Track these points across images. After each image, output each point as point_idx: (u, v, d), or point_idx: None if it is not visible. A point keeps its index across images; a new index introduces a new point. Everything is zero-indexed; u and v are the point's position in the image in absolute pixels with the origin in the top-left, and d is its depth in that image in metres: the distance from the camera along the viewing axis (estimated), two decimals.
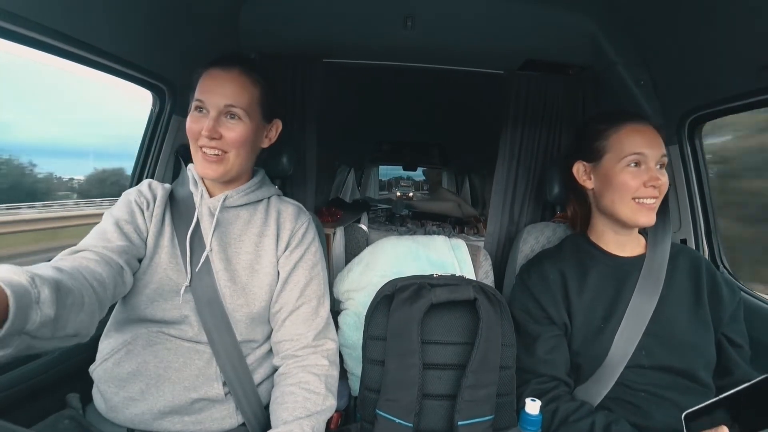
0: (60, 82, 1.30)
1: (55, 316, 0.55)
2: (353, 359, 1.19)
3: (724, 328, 0.98)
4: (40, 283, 0.54)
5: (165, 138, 1.32)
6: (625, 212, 1.00)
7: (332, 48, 1.52)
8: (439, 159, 5.58)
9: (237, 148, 0.90)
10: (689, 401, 0.91)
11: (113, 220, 0.86)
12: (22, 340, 0.52)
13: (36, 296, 0.52)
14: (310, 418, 0.82)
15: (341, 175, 4.77)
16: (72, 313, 0.60)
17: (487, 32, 1.39)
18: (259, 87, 0.94)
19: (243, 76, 0.91)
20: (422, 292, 0.99)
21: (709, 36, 1.05)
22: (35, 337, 0.53)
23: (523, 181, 1.56)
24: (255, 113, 0.93)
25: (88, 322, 0.65)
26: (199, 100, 0.90)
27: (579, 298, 1.01)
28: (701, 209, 1.31)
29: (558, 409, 0.93)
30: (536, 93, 1.54)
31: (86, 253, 0.78)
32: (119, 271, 0.80)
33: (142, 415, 0.84)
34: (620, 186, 1.00)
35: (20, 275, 0.52)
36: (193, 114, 0.91)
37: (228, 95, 0.89)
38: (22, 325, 0.50)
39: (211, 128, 0.87)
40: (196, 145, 0.90)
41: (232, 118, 0.90)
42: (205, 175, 0.92)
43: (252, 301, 0.92)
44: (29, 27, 0.82)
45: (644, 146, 0.98)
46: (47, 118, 2.56)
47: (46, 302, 0.54)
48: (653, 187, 0.97)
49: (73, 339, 0.63)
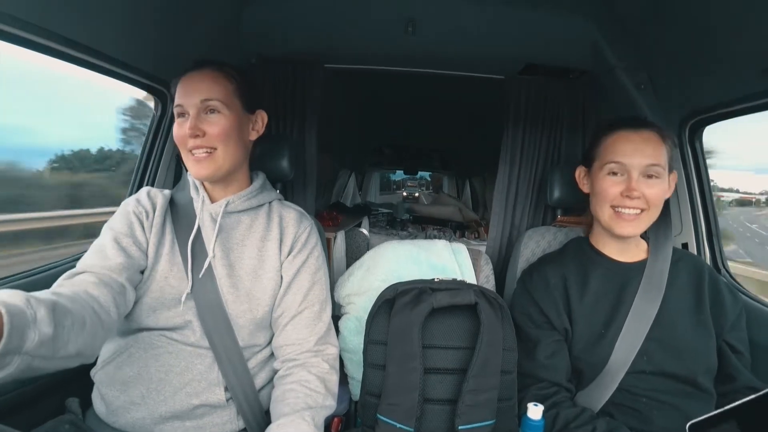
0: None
1: (54, 336, 0.56)
2: (354, 364, 1.19)
3: (726, 335, 0.98)
4: (36, 304, 0.55)
5: (166, 141, 1.33)
6: (605, 220, 1.01)
7: (333, 53, 1.52)
8: (440, 163, 5.59)
9: (224, 142, 0.91)
10: (690, 407, 0.91)
11: (112, 235, 0.86)
12: (23, 360, 0.52)
13: (32, 316, 0.53)
14: (311, 411, 0.82)
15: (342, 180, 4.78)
16: (72, 334, 0.61)
17: (487, 37, 1.39)
18: (233, 80, 0.94)
19: (215, 72, 0.93)
20: (423, 297, 0.99)
21: (709, 39, 1.05)
22: (35, 357, 0.54)
23: (524, 185, 1.56)
24: (234, 105, 0.93)
25: (91, 343, 0.66)
26: (178, 105, 0.91)
27: (580, 303, 1.01)
28: (702, 213, 1.31)
29: (558, 415, 0.92)
30: (537, 97, 1.54)
31: (85, 276, 0.78)
32: (120, 291, 0.80)
33: (142, 419, 0.83)
34: (600, 193, 1.01)
35: (15, 297, 0.53)
36: (177, 121, 0.92)
37: (202, 90, 0.90)
38: (19, 344, 0.51)
39: (193, 126, 0.87)
40: (186, 151, 0.91)
41: (211, 112, 0.90)
42: (198, 175, 0.92)
43: (255, 306, 0.91)
44: (31, 30, 0.83)
45: (625, 155, 0.98)
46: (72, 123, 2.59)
47: (43, 321, 0.54)
48: (629, 198, 0.96)
49: (76, 359, 0.64)
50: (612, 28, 1.31)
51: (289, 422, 0.79)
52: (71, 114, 2.33)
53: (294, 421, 0.79)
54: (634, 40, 1.28)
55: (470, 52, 1.46)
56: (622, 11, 1.25)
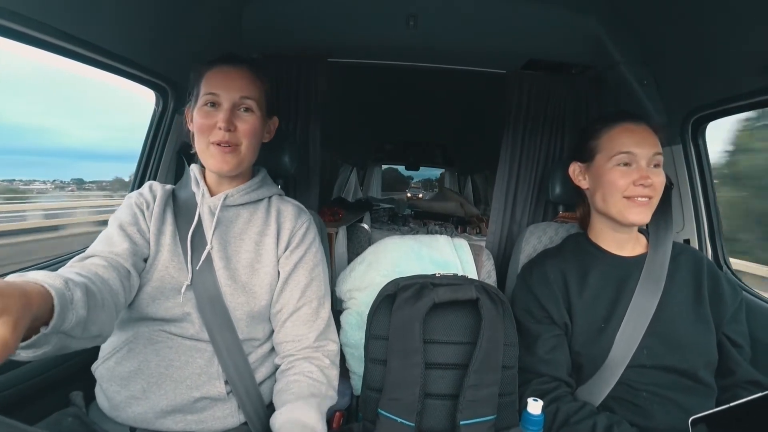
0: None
1: (87, 317, 0.61)
2: (355, 359, 1.19)
3: (725, 328, 0.98)
4: (73, 286, 0.60)
5: (168, 137, 1.33)
6: (616, 210, 1.01)
7: (334, 48, 1.52)
8: (442, 158, 5.58)
9: (249, 140, 0.93)
10: (691, 401, 0.91)
11: (118, 224, 0.89)
12: (59, 339, 0.57)
13: (70, 298, 0.58)
14: (315, 398, 0.84)
15: (344, 175, 4.78)
16: (96, 314, 0.65)
17: (489, 32, 1.39)
18: (264, 83, 0.98)
19: (251, 72, 0.96)
20: (424, 292, 0.99)
21: (712, 35, 1.05)
22: (69, 336, 0.58)
23: (525, 180, 1.56)
24: (262, 107, 0.97)
25: (108, 323, 0.71)
26: (212, 93, 0.91)
27: (580, 298, 1.01)
28: (705, 209, 1.30)
29: (559, 409, 0.93)
30: (539, 93, 1.53)
31: (95, 259, 0.80)
32: (126, 275, 0.82)
33: (144, 414, 0.84)
34: (610, 185, 1.01)
35: (56, 279, 0.58)
36: (204, 109, 0.92)
37: (242, 88, 0.92)
38: (61, 324, 0.55)
39: (228, 119, 0.90)
40: (206, 141, 0.91)
41: (246, 111, 0.93)
42: (219, 168, 0.93)
43: (252, 299, 0.92)
44: (32, 26, 0.83)
45: (634, 145, 0.98)
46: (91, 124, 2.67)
47: (78, 303, 0.59)
48: (643, 186, 0.97)
49: (97, 339, 0.69)
50: (615, 23, 1.30)
51: (296, 407, 0.81)
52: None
53: (301, 407, 0.81)
54: (637, 35, 1.28)
55: (472, 47, 1.46)
56: (625, 7, 1.24)
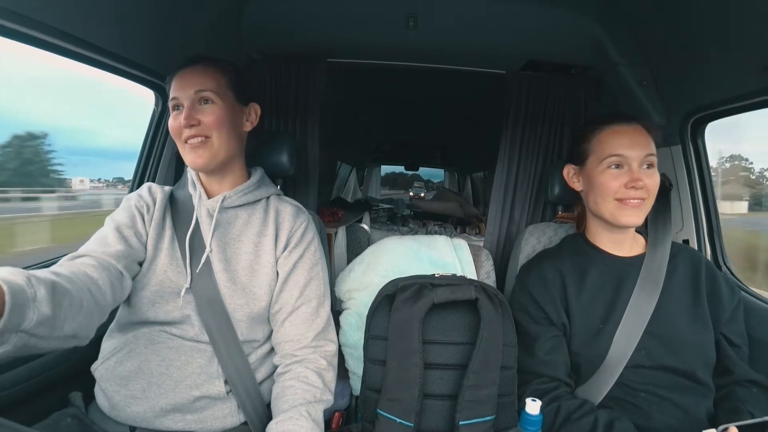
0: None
1: (52, 316, 0.57)
2: (354, 359, 1.19)
3: (723, 328, 0.98)
4: (36, 283, 0.56)
5: (167, 138, 1.32)
6: (608, 213, 1.01)
7: (334, 48, 1.52)
8: (441, 159, 5.58)
9: (218, 130, 0.92)
10: (689, 401, 0.92)
11: (114, 225, 0.89)
12: (20, 338, 0.53)
13: (32, 295, 0.54)
14: (308, 405, 0.84)
15: (343, 175, 4.78)
16: (69, 314, 0.62)
17: (489, 33, 1.39)
18: (226, 73, 0.97)
19: (208, 66, 0.95)
20: (424, 292, 0.99)
21: (711, 36, 1.05)
22: (33, 336, 0.55)
23: (524, 181, 1.56)
24: (227, 96, 0.95)
25: (86, 324, 0.68)
26: (173, 98, 0.94)
27: (578, 298, 1.01)
28: (704, 209, 1.30)
29: (560, 407, 0.93)
30: (538, 93, 1.54)
31: (85, 259, 0.79)
32: (118, 277, 0.81)
33: (144, 413, 0.84)
34: (601, 187, 1.01)
35: (17, 275, 0.54)
36: (172, 114, 0.94)
37: (197, 83, 0.92)
38: (18, 322, 0.52)
39: (188, 115, 0.90)
40: (182, 142, 0.93)
41: (205, 102, 0.93)
42: (195, 164, 0.93)
43: (252, 301, 0.92)
44: (31, 26, 0.83)
45: (624, 147, 0.98)
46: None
47: (42, 301, 0.56)
48: (634, 188, 0.97)
49: (71, 341, 0.65)
50: (614, 24, 1.30)
51: (287, 419, 0.81)
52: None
53: (291, 418, 0.81)
54: (637, 36, 1.28)
55: (472, 48, 1.46)
56: (624, 8, 1.24)
